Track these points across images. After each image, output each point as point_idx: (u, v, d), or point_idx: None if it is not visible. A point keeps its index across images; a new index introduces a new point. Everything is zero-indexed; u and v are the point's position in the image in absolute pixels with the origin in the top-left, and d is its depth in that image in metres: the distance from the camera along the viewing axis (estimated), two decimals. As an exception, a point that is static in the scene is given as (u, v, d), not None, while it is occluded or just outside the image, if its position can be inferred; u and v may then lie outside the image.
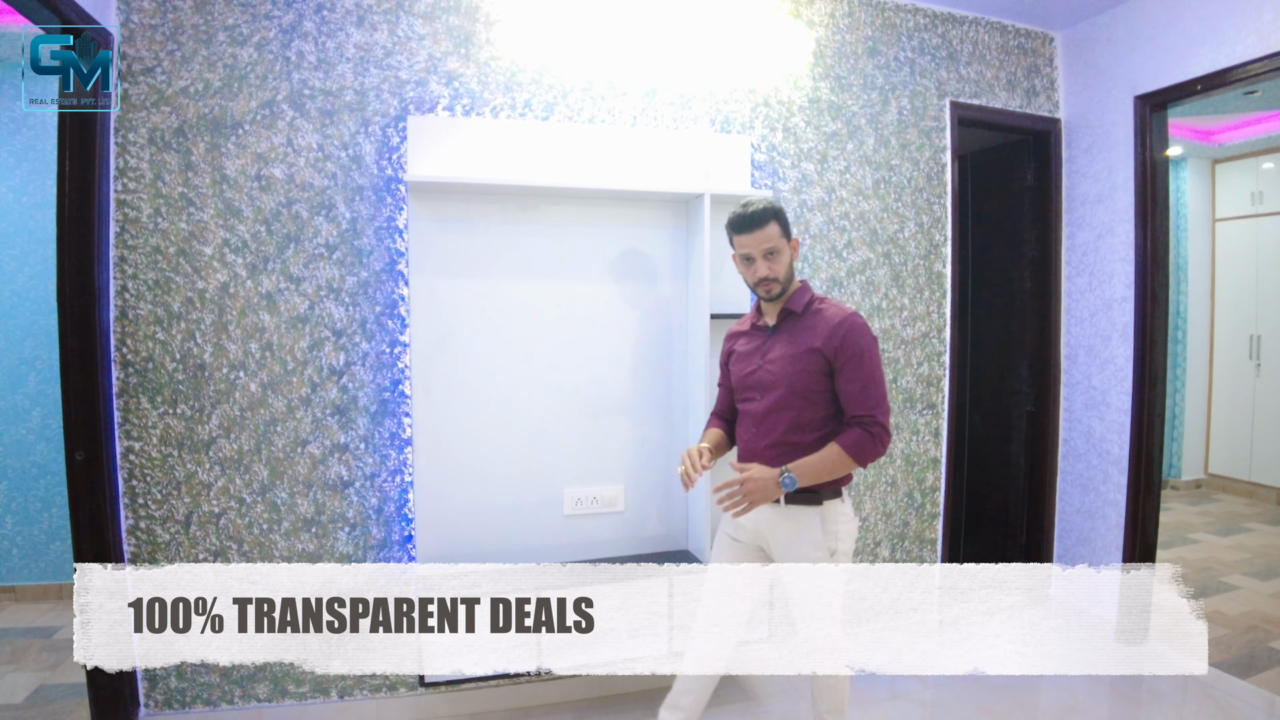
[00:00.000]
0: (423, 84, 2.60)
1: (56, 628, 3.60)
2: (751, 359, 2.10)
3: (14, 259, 3.86)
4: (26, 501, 3.95)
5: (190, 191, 2.48)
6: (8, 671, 3.16)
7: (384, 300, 2.60)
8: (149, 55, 2.44)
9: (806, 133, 3.02)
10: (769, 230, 1.99)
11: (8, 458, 3.93)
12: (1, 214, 3.85)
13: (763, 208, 1.99)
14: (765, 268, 2.01)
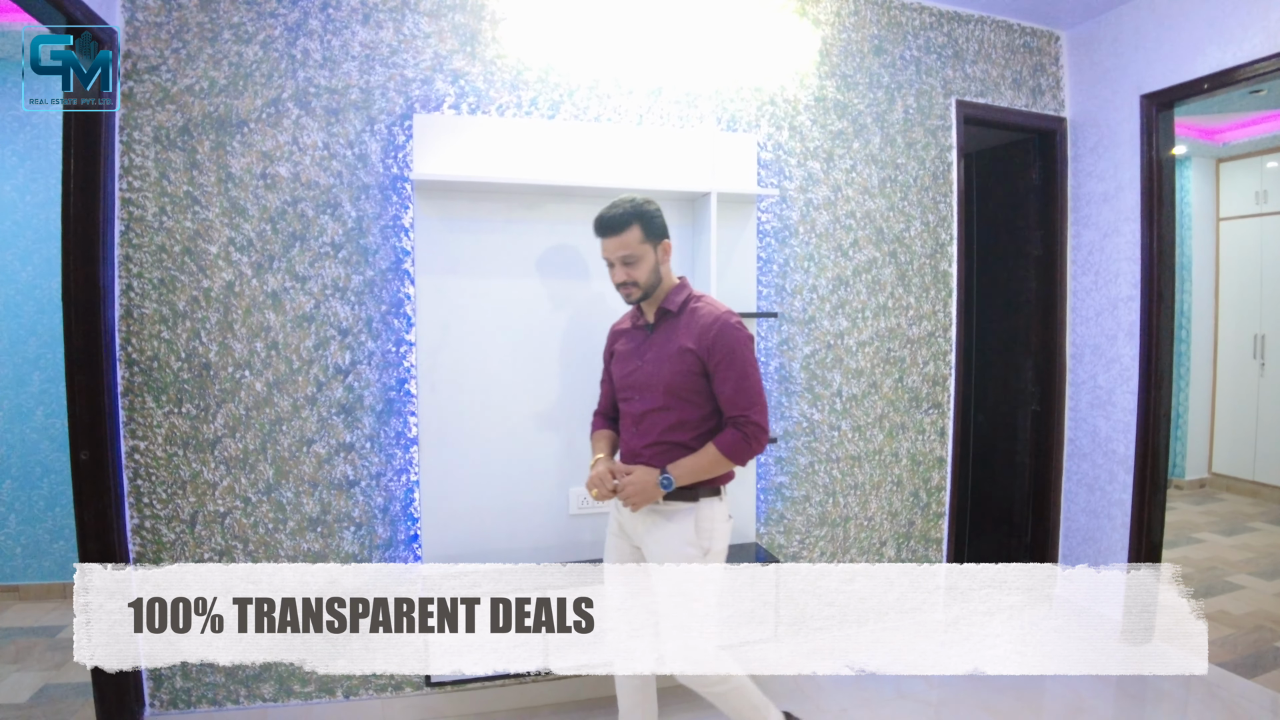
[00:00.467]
0: (428, 82, 2.60)
1: (60, 627, 3.59)
2: (630, 359, 2.08)
3: (17, 258, 3.86)
4: (30, 501, 3.95)
5: (195, 190, 2.48)
6: (12, 671, 3.16)
7: (390, 299, 2.59)
8: (154, 53, 2.44)
9: (813, 131, 3.01)
10: (627, 236, 1.96)
11: (11, 457, 3.93)
12: (5, 213, 3.85)
13: (622, 212, 1.95)
14: (623, 274, 1.98)
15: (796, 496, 3.04)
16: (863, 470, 3.14)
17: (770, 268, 2.95)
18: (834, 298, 3.05)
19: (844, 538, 3.13)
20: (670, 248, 2.09)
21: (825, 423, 3.06)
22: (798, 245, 2.99)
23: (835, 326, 3.06)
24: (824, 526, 3.09)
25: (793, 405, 3.01)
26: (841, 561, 3.13)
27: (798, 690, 2.89)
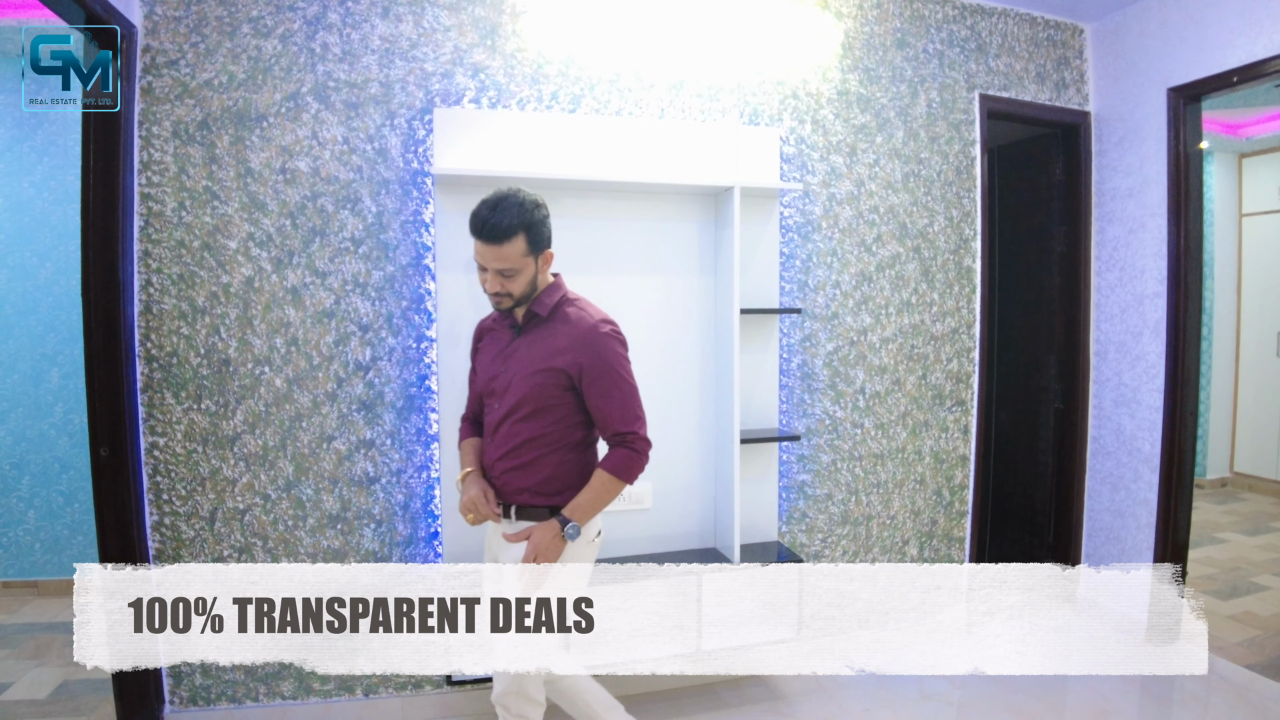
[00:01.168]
0: (449, 76, 2.58)
1: (79, 622, 3.59)
2: (495, 362, 1.92)
3: (36, 255, 3.86)
4: (49, 497, 3.96)
5: (214, 185, 2.46)
6: (32, 666, 3.16)
7: (410, 295, 2.57)
8: (172, 48, 2.42)
9: (835, 125, 2.98)
10: (509, 249, 1.76)
11: (30, 453, 3.93)
12: (24, 209, 3.85)
13: (509, 221, 1.74)
14: (496, 284, 1.79)
15: (819, 495, 3.01)
16: (885, 468, 3.10)
17: (793, 263, 2.92)
18: (857, 294, 3.02)
19: (866, 536, 3.10)
20: (552, 257, 1.92)
21: (848, 420, 3.03)
22: (821, 240, 2.96)
23: (858, 323, 3.03)
24: (846, 525, 3.06)
25: (815, 403, 2.98)
26: (864, 560, 3.10)
27: (819, 689, 2.87)
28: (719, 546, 2.78)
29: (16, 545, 3.98)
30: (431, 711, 2.67)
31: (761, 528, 2.86)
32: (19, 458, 3.93)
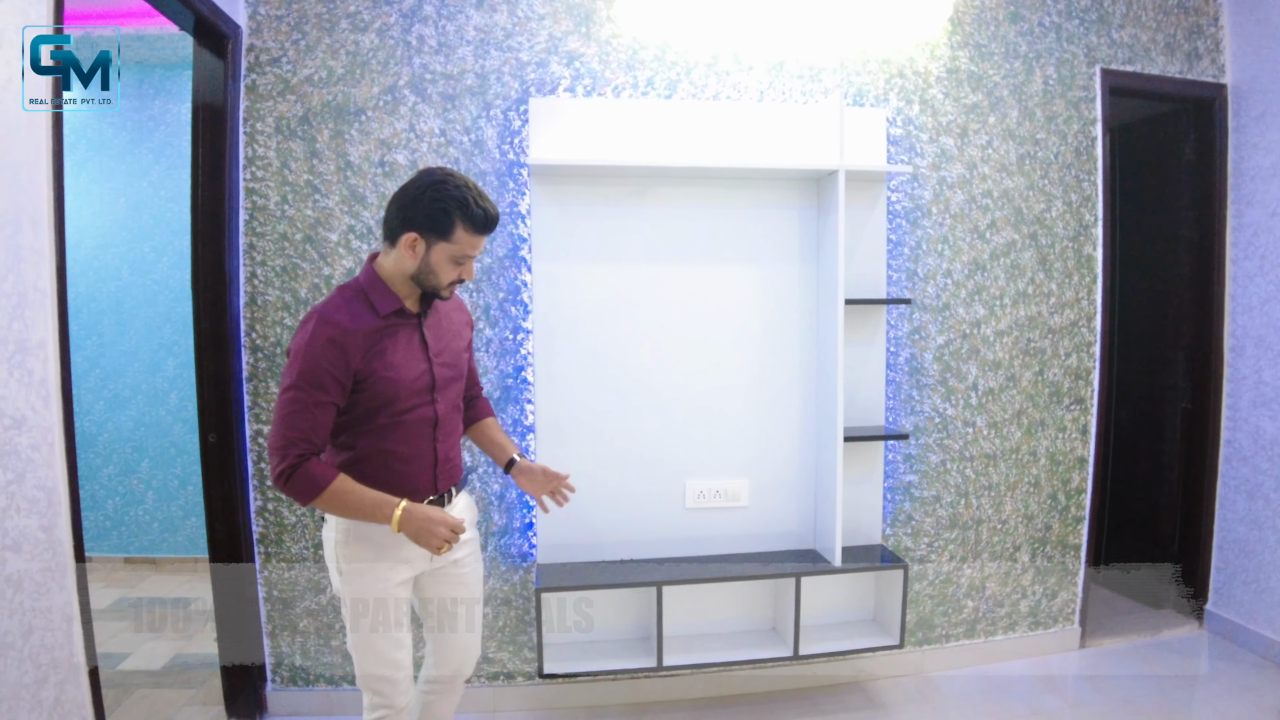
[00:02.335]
0: (543, 65, 2.55)
1: (193, 599, 3.77)
2: (415, 359, 1.72)
3: (153, 250, 4.06)
4: (166, 479, 4.17)
5: (315, 179, 2.51)
6: (148, 639, 3.33)
7: (507, 286, 2.56)
8: (275, 46, 2.48)
9: (945, 105, 2.81)
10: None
11: (149, 438, 4.15)
12: (142, 208, 4.06)
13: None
14: (469, 272, 1.73)
15: (926, 497, 2.86)
16: (998, 470, 2.92)
17: (901, 251, 2.77)
18: (970, 283, 2.84)
19: (975, 541, 2.93)
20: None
21: (959, 418, 2.86)
22: (930, 227, 2.80)
23: (971, 315, 2.85)
24: (954, 529, 2.90)
25: (924, 399, 2.83)
26: (971, 567, 2.93)
27: (921, 699, 2.73)
28: (819, 548, 2.67)
29: (137, 524, 4.22)
30: (521, 702, 2.67)
31: (864, 530, 2.73)
32: (139, 442, 4.16)
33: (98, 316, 4.10)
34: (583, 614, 2.60)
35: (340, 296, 1.68)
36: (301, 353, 1.58)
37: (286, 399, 1.57)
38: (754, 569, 2.51)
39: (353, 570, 1.71)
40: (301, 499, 1.58)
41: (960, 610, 2.94)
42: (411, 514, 1.60)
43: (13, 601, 1.41)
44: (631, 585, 2.45)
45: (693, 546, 2.64)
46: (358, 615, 1.71)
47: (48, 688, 1.50)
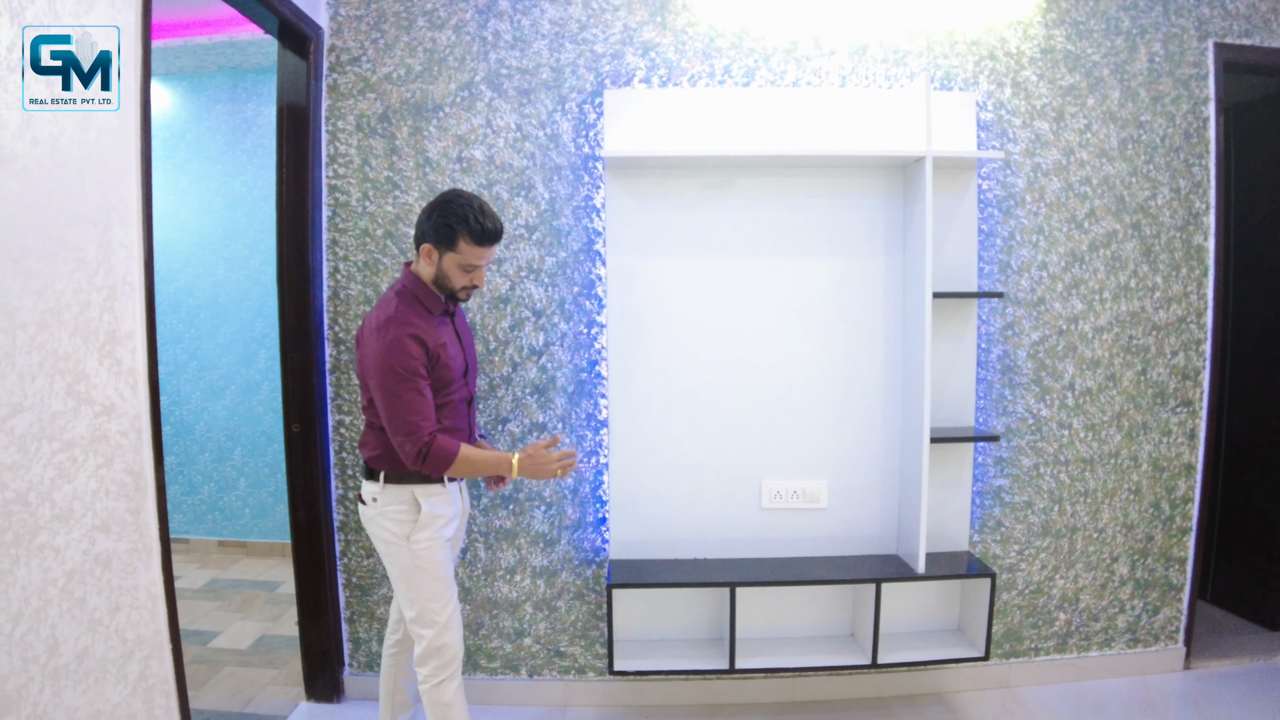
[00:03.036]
0: (618, 56, 2.52)
1: (279, 583, 3.92)
2: (456, 349, 2.04)
3: (245, 247, 4.23)
4: (257, 467, 4.35)
5: (395, 175, 2.55)
6: (237, 619, 3.48)
7: (582, 280, 2.55)
8: (355, 46, 2.53)
9: (1039, 87, 2.65)
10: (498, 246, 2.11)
11: (242, 427, 4.34)
12: (236, 206, 4.23)
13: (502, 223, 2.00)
14: (481, 278, 2.01)
15: (1017, 502, 2.71)
16: (1095, 475, 2.74)
17: (992, 242, 2.63)
18: (1067, 276, 2.68)
19: (1069, 550, 2.76)
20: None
21: (1054, 420, 2.70)
22: (1024, 216, 2.65)
23: (1068, 310, 2.68)
24: (1046, 537, 2.74)
25: (1016, 399, 2.68)
26: (1065, 577, 2.76)
27: (1006, 714, 2.60)
28: (901, 554, 2.56)
29: (230, 509, 4.41)
30: (592, 697, 2.66)
31: (950, 536, 2.61)
32: (233, 430, 4.35)
33: (195, 311, 4.30)
34: (654, 612, 2.58)
35: (401, 301, 1.94)
36: (392, 352, 1.84)
37: (395, 393, 1.84)
38: (832, 573, 2.43)
39: (424, 536, 1.97)
40: (437, 470, 1.89)
41: (1051, 623, 2.78)
42: (527, 458, 1.96)
43: (101, 579, 1.47)
44: (705, 585, 2.41)
45: (768, 548, 2.57)
46: (423, 579, 1.97)
47: (133, 662, 1.56)
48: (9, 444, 1.26)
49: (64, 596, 1.38)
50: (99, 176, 1.46)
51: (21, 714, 1.27)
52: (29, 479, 1.30)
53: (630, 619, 2.58)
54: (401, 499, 1.96)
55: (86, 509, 1.44)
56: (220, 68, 4.15)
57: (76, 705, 1.40)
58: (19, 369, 1.28)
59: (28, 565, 1.30)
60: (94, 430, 1.45)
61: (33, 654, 1.30)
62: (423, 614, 1.98)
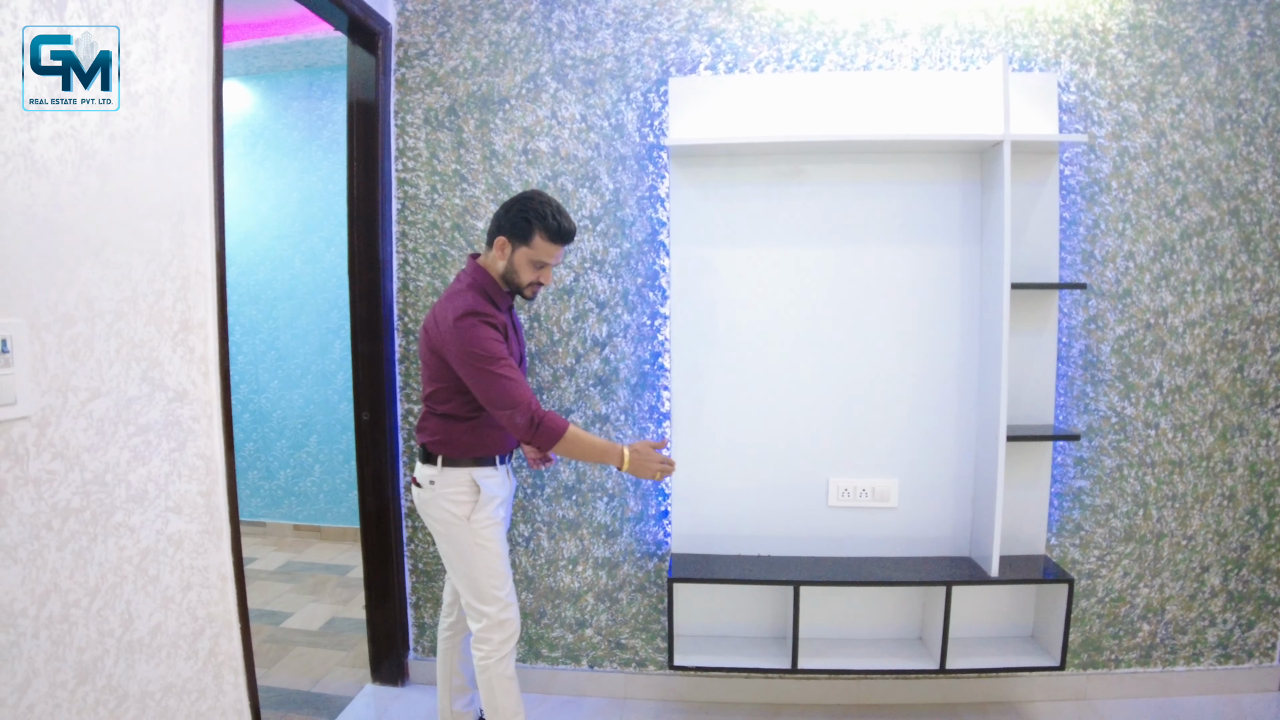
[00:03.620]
0: (683, 44, 2.49)
1: (350, 567, 4.04)
2: (514, 343, 2.09)
3: (322, 240, 4.36)
4: (332, 453, 4.49)
5: (463, 168, 2.58)
6: (309, 601, 3.60)
7: (645, 271, 2.54)
8: (422, 40, 2.56)
9: (1127, 66, 2.50)
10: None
11: (317, 414, 4.48)
12: (312, 201, 4.36)
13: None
14: (549, 277, 2.07)
15: (1098, 505, 2.58)
16: (1184, 479, 2.59)
17: (1075, 230, 2.51)
18: (1155, 267, 2.53)
19: (1154, 558, 2.61)
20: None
21: (1139, 419, 2.56)
22: (1109, 203, 2.51)
23: (1157, 303, 2.54)
24: (1130, 543, 2.60)
25: (1099, 396, 2.55)
26: (1149, 585, 2.62)
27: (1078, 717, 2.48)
28: (974, 556, 2.47)
29: (305, 494, 4.56)
30: (652, 691, 2.65)
31: (1026, 538, 2.50)
32: (309, 418, 4.49)
33: (274, 302, 4.46)
34: (716, 607, 2.55)
35: (473, 293, 1.99)
36: (480, 340, 1.90)
37: (491, 373, 1.89)
38: (901, 575, 2.35)
39: (482, 517, 2.03)
40: (546, 444, 1.93)
41: (1133, 634, 2.64)
42: (637, 454, 2.00)
43: (174, 559, 1.53)
44: (768, 583, 2.36)
45: (834, 546, 2.51)
46: (483, 557, 2.03)
47: (204, 639, 1.62)
48: (88, 427, 1.32)
49: (138, 574, 1.44)
50: (173, 171, 1.51)
51: (97, 684, 1.34)
52: (106, 461, 1.36)
53: (691, 614, 2.56)
54: (460, 481, 2.02)
55: (160, 491, 1.49)
56: (296, 66, 4.28)
57: (149, 678, 1.46)
58: (97, 355, 1.34)
59: (105, 543, 1.36)
60: (167, 415, 1.51)
61: (108, 627, 1.36)
62: (484, 591, 2.03)
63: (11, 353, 1.16)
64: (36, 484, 1.21)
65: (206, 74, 1.60)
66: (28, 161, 1.17)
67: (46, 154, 1.20)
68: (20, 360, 1.17)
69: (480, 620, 2.05)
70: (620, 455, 1.98)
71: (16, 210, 1.17)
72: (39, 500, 1.22)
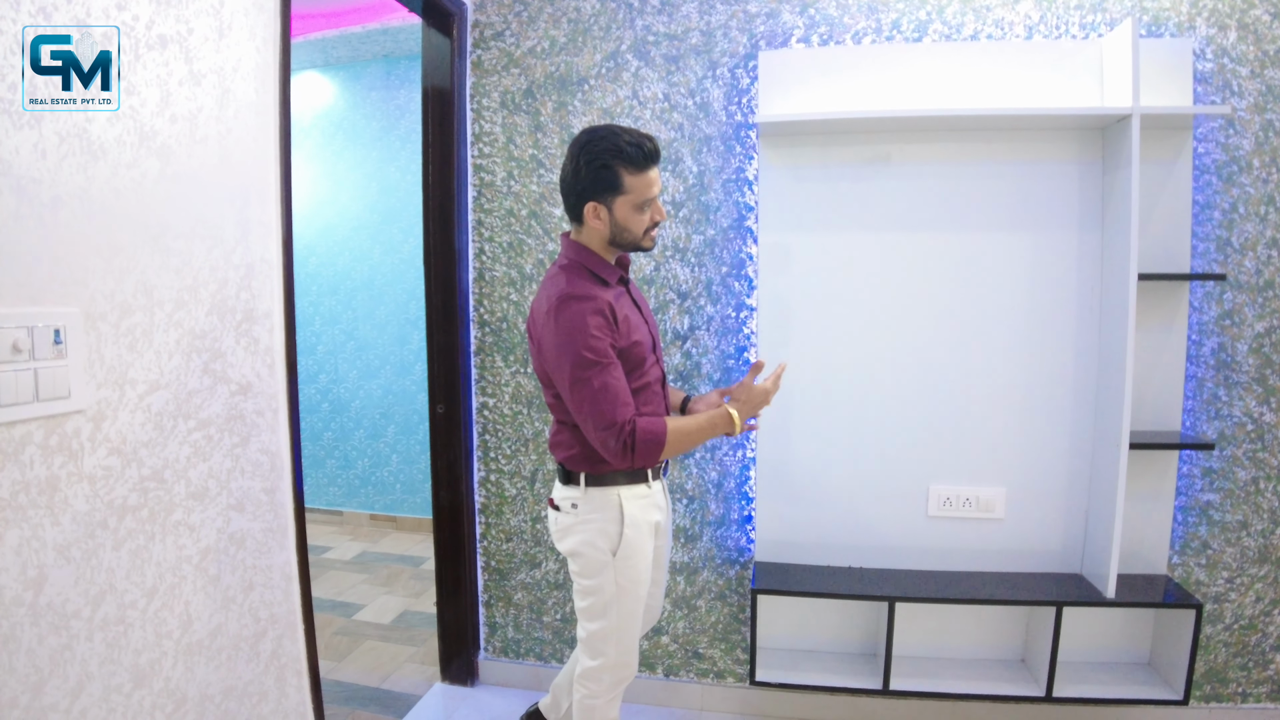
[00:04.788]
0: (774, 15, 2.33)
1: (424, 558, 4.04)
2: (638, 322, 1.75)
3: (400, 231, 4.37)
4: (409, 444, 4.51)
5: (540, 153, 2.49)
6: (382, 593, 3.59)
7: (731, 260, 2.40)
8: (499, 20, 2.48)
9: (1273, 29, 2.22)
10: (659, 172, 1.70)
11: (395, 405, 4.50)
12: (391, 192, 4.37)
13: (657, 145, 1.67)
14: (660, 213, 1.71)
15: (1229, 522, 2.32)
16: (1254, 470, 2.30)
17: (1209, 215, 2.24)
18: (1305, 256, 2.25)
19: (1295, 582, 2.34)
20: None
21: (1282, 426, 2.29)
22: (1250, 184, 2.24)
23: (1305, 296, 2.26)
24: (1264, 564, 2.33)
25: (1234, 401, 2.28)
26: (1290, 611, 2.34)
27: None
28: (1086, 574, 2.25)
29: (382, 484, 4.60)
30: (730, 704, 2.53)
31: (1146, 556, 2.26)
32: (387, 409, 4.52)
33: (353, 293, 4.50)
34: (801, 620, 2.41)
35: (568, 275, 1.68)
36: (574, 333, 1.58)
37: (584, 379, 1.59)
38: (1006, 592, 2.15)
39: (632, 551, 1.73)
40: (651, 459, 1.63)
41: (1265, 666, 2.37)
42: (743, 404, 1.73)
43: (235, 558, 1.48)
44: (859, 597, 2.20)
45: (933, 559, 2.33)
46: (623, 600, 1.74)
47: (266, 641, 1.58)
48: (146, 421, 1.27)
49: (198, 574, 1.39)
50: (238, 154, 1.46)
51: (154, 687, 1.29)
52: (165, 456, 1.31)
53: (775, 626, 2.42)
54: (608, 504, 1.72)
55: (222, 487, 1.45)
56: (374, 56, 4.29)
57: (209, 681, 1.42)
58: (156, 346, 1.29)
59: (163, 542, 1.31)
60: (230, 409, 1.46)
61: (166, 629, 1.32)
62: (609, 634, 1.76)
63: (65, 343, 1.11)
64: (92, 481, 1.17)
65: (273, 52, 1.54)
66: (84, 143, 1.12)
67: (104, 135, 1.15)
68: (75, 351, 1.13)
69: (597, 659, 1.78)
70: (729, 420, 1.70)
71: (72, 194, 1.12)
72: (94, 498, 1.17)
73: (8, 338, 1.02)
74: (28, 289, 1.06)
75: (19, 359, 1.04)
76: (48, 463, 1.10)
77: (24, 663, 1.07)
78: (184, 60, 1.32)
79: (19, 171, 1.03)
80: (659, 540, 1.87)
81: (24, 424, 1.06)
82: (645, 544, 1.74)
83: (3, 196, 1.02)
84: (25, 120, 1.04)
